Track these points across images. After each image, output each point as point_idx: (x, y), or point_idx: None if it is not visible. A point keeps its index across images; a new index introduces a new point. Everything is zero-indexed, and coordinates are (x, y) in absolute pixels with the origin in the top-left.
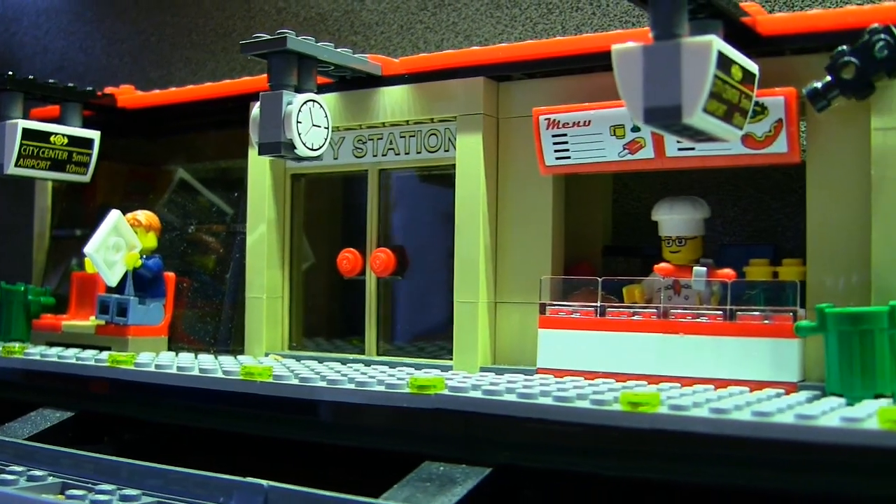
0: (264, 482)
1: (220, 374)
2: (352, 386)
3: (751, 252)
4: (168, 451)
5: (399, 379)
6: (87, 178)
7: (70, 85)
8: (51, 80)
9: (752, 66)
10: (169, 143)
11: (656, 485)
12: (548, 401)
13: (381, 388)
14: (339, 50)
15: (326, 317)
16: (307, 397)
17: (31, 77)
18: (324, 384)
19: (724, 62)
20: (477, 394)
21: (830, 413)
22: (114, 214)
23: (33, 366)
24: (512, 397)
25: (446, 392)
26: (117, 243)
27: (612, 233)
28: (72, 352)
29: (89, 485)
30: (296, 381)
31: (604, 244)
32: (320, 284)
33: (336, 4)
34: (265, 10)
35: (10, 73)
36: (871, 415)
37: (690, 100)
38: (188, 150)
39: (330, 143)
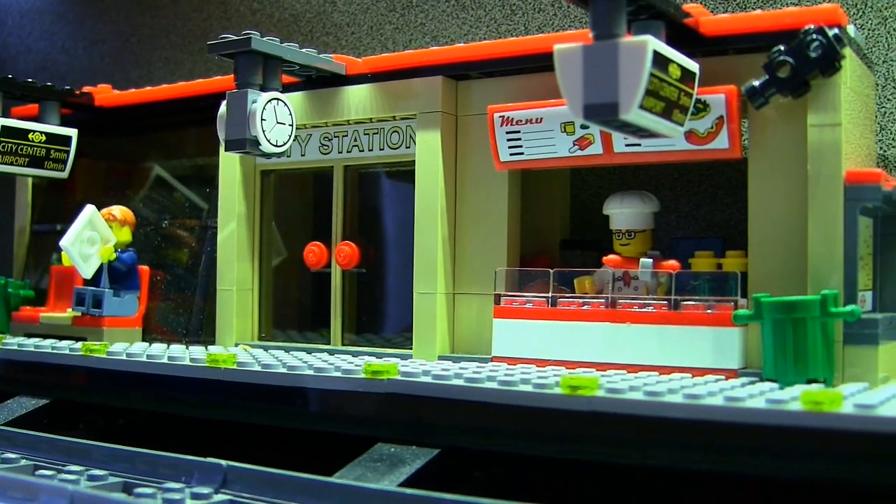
0: (223, 462)
1: (187, 362)
2: (311, 372)
3: (701, 245)
4: (141, 436)
5: (356, 366)
6: (64, 175)
7: (48, 84)
8: (29, 80)
9: (692, 65)
10: (145, 141)
11: (597, 466)
12: (493, 385)
13: (338, 374)
14: (303, 50)
15: (295, 309)
16: (269, 383)
17: (10, 76)
18: (284, 370)
19: (661, 61)
20: (427, 379)
21: (759, 396)
22: (88, 209)
23: (10, 356)
24: (459, 382)
25: (398, 377)
26: (92, 237)
27: (571, 227)
28: (48, 342)
29: (59, 466)
30: (258, 368)
31: (562, 238)
32: (289, 277)
33: (309, 6)
34: (241, 11)
35: None
36: (795, 397)
37: (627, 97)
38: (164, 148)
39: (297, 139)
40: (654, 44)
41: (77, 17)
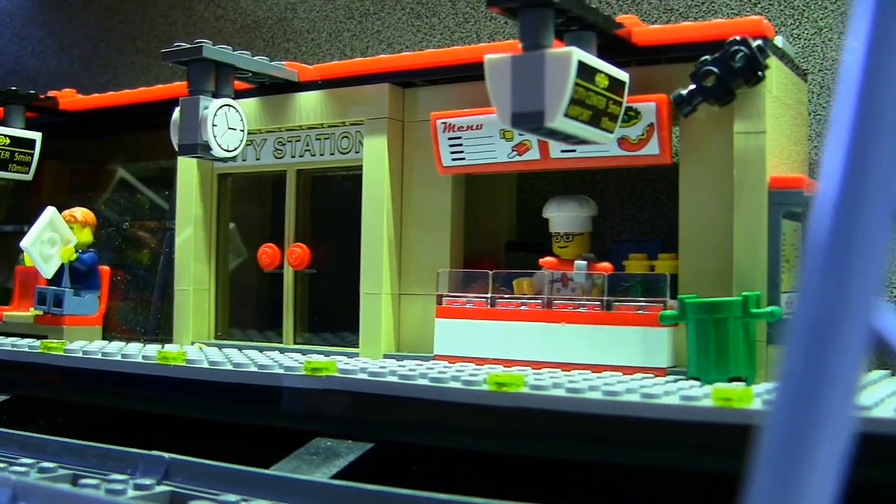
0: (165, 454)
1: (139, 359)
2: (255, 369)
3: (641, 248)
4: (99, 432)
5: (298, 363)
6: (28, 177)
7: (13, 88)
8: None
9: (621, 75)
10: (109, 144)
11: (524, 460)
12: (424, 382)
13: (280, 371)
14: (255, 58)
15: (250, 308)
16: (216, 379)
17: None
18: (230, 367)
19: (587, 71)
20: (363, 376)
21: (675, 393)
22: (49, 211)
23: None
24: (394, 379)
25: (336, 374)
26: (52, 238)
27: (517, 229)
28: (9, 340)
29: (12, 459)
30: (206, 365)
31: (507, 240)
32: (245, 278)
33: (270, 13)
34: (205, 17)
35: None
36: (707, 394)
37: (552, 105)
38: (128, 151)
39: (252, 144)
40: (578, 54)
41: (47, 22)
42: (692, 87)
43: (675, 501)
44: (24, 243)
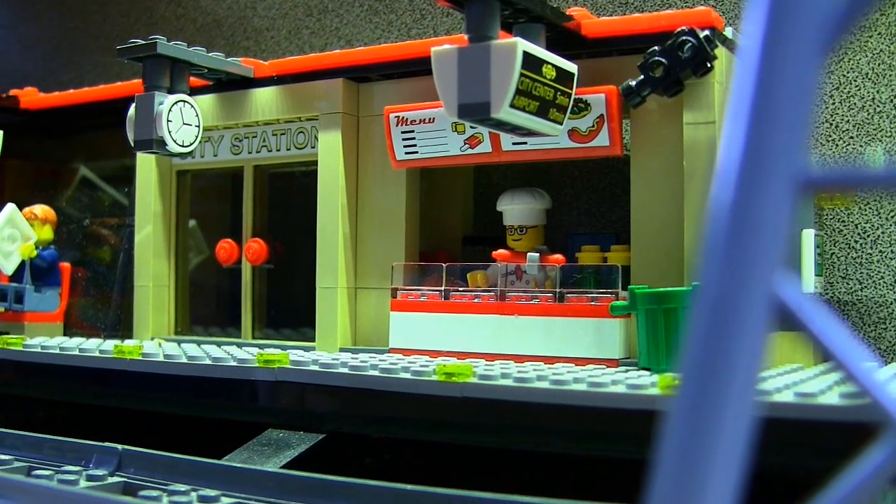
0: (119, 446)
1: (96, 354)
2: (208, 362)
3: (595, 240)
4: (58, 426)
5: (251, 356)
6: None
7: None
8: None
9: (569, 66)
10: (71, 142)
11: (475, 451)
12: (374, 373)
13: (233, 364)
14: (210, 54)
15: (209, 304)
16: (170, 372)
17: None
18: (184, 360)
19: (533, 62)
20: (315, 367)
21: (622, 382)
22: (8, 207)
23: None
24: (344, 370)
25: (288, 366)
26: (12, 234)
27: (475, 223)
28: None
29: None
30: (161, 359)
31: (464, 234)
32: (204, 274)
33: (230, 11)
34: (166, 16)
35: None
36: (654, 383)
37: (498, 96)
38: (89, 149)
39: (210, 140)
40: (523, 45)
41: (10, 21)
42: (641, 78)
43: (626, 490)
44: None
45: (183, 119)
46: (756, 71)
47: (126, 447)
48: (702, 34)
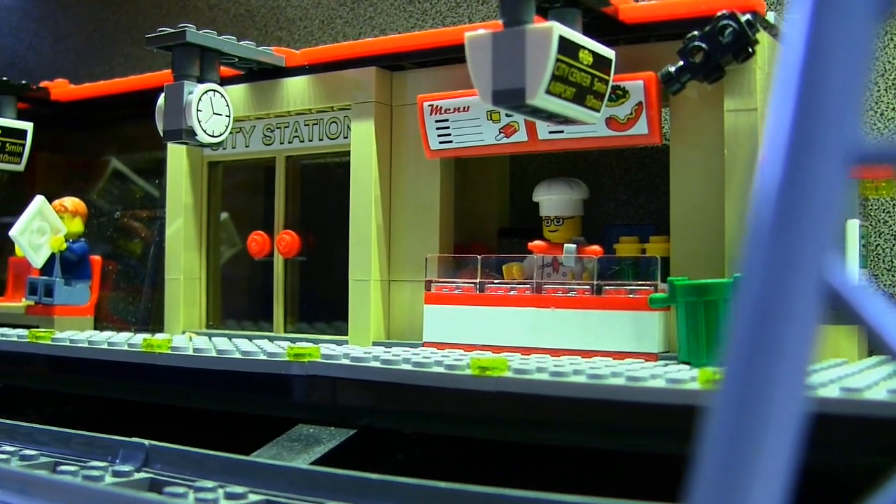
0: (146, 441)
1: (124, 348)
2: (238, 356)
3: (633, 231)
4: (89, 421)
5: (282, 349)
6: (20, 168)
7: (3, 79)
8: None
9: (607, 52)
10: (102, 134)
11: (509, 447)
12: (407, 367)
13: (263, 358)
14: (241, 43)
15: (241, 297)
16: (200, 366)
17: None
18: (214, 354)
19: (569, 47)
20: (346, 361)
21: (661, 377)
22: (38, 200)
23: None
24: (376, 364)
25: (319, 360)
26: (41, 227)
27: (510, 215)
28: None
29: None
30: (190, 352)
31: (500, 226)
32: (236, 266)
33: (263, 1)
34: (198, 7)
35: None
36: (694, 377)
37: (533, 82)
38: (120, 140)
39: (242, 131)
40: (559, 29)
41: (42, 14)
42: (680, 64)
43: (665, 488)
44: (12, 232)
45: (213, 109)
46: (805, 39)
47: (153, 442)
48: (743, 18)
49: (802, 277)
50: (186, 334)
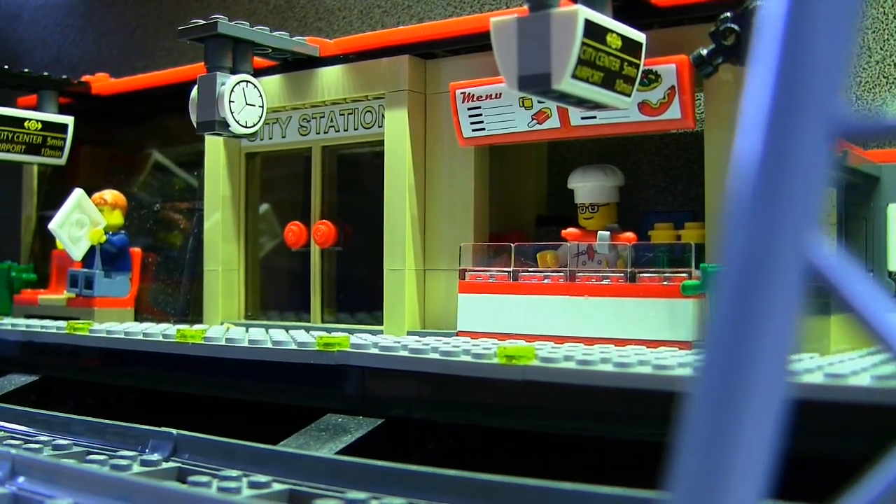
0: (174, 431)
1: (159, 338)
2: (269, 345)
3: (671, 219)
4: (127, 411)
5: (313, 339)
6: (62, 161)
7: (45, 74)
8: (25, 70)
9: (637, 35)
10: (143, 127)
11: (537, 436)
12: (434, 356)
13: (293, 347)
14: (274, 33)
15: (279, 288)
16: (231, 356)
17: (5, 67)
18: (245, 344)
19: (596, 31)
20: (374, 350)
21: (689, 365)
22: (76, 193)
23: (3, 335)
24: (403, 353)
25: (348, 349)
26: (80, 220)
27: (549, 203)
28: (39, 322)
29: (28, 437)
30: (222, 343)
31: (537, 214)
32: (274, 257)
33: None
34: (238, 0)
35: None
36: None
37: (559, 67)
38: (161, 133)
39: (278, 122)
40: (585, 12)
41: (87, 10)
42: (713, 46)
43: None
44: (51, 225)
45: (246, 99)
46: (787, 8)
47: (181, 432)
48: None
49: (784, 255)
50: (224, 325)
